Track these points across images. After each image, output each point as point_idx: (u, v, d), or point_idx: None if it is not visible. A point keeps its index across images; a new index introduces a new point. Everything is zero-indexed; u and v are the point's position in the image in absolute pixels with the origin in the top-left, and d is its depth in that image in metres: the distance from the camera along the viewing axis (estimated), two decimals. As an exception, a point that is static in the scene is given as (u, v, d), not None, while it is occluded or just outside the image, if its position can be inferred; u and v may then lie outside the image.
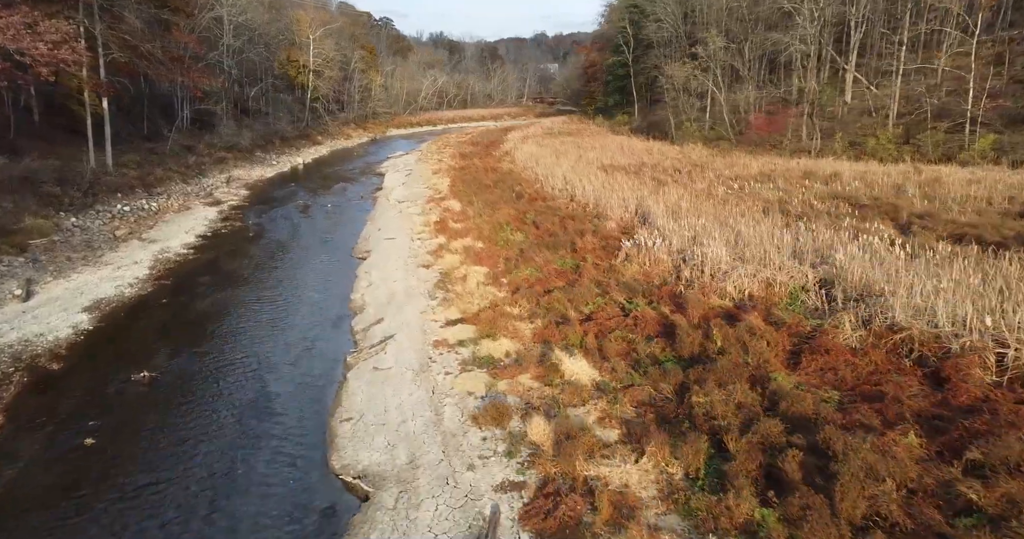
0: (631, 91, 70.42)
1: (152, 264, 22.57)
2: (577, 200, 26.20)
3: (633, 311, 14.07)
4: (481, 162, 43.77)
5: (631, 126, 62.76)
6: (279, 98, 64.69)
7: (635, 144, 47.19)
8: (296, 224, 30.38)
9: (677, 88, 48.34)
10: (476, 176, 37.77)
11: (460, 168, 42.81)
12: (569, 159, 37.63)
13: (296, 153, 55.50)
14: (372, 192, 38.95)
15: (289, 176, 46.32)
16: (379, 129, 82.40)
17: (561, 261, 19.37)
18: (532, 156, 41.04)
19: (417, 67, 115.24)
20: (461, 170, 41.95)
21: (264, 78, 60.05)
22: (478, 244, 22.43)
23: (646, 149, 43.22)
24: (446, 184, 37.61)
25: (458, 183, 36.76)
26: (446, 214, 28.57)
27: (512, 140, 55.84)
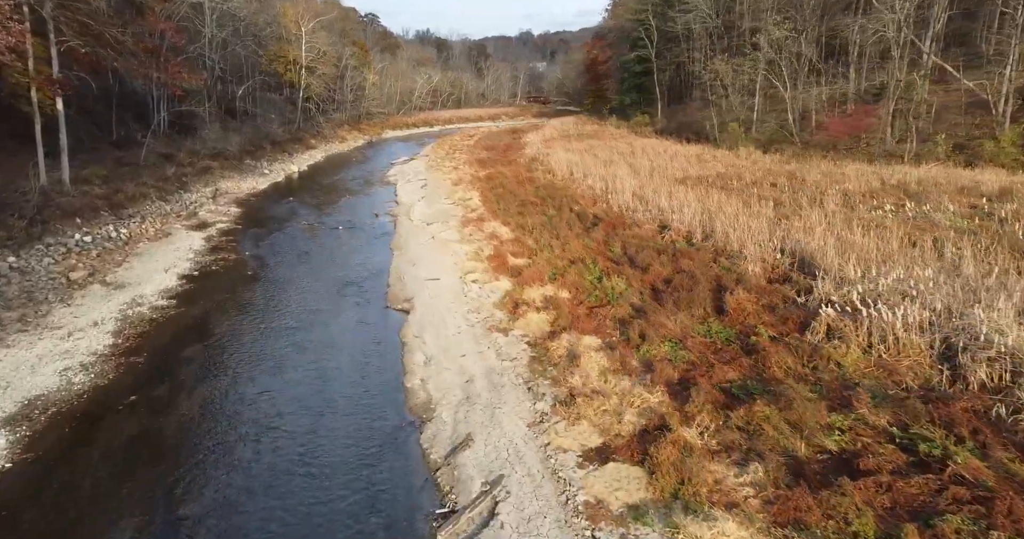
0: (651, 89, 64.58)
1: (118, 326, 16.23)
2: (674, 228, 20.17)
3: (952, 467, 8.07)
4: (509, 171, 37.62)
5: (655, 127, 56.92)
6: (268, 98, 57.94)
7: (675, 148, 41.32)
8: (304, 255, 24.05)
9: (725, 85, 42.58)
10: (511, 189, 31.67)
11: (485, 178, 36.64)
12: (621, 168, 31.67)
13: (289, 159, 48.92)
14: (387, 208, 32.69)
15: (284, 188, 39.82)
16: (374, 131, 75.83)
17: (707, 328, 13.39)
18: (571, 164, 35.01)
19: (408, 65, 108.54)
20: (487, 180, 35.79)
21: (251, 75, 53.34)
22: (563, 293, 16.38)
23: (695, 155, 37.37)
24: (476, 199, 31.47)
25: (491, 198, 30.65)
26: (496, 244, 22.45)
27: (532, 143, 49.76)
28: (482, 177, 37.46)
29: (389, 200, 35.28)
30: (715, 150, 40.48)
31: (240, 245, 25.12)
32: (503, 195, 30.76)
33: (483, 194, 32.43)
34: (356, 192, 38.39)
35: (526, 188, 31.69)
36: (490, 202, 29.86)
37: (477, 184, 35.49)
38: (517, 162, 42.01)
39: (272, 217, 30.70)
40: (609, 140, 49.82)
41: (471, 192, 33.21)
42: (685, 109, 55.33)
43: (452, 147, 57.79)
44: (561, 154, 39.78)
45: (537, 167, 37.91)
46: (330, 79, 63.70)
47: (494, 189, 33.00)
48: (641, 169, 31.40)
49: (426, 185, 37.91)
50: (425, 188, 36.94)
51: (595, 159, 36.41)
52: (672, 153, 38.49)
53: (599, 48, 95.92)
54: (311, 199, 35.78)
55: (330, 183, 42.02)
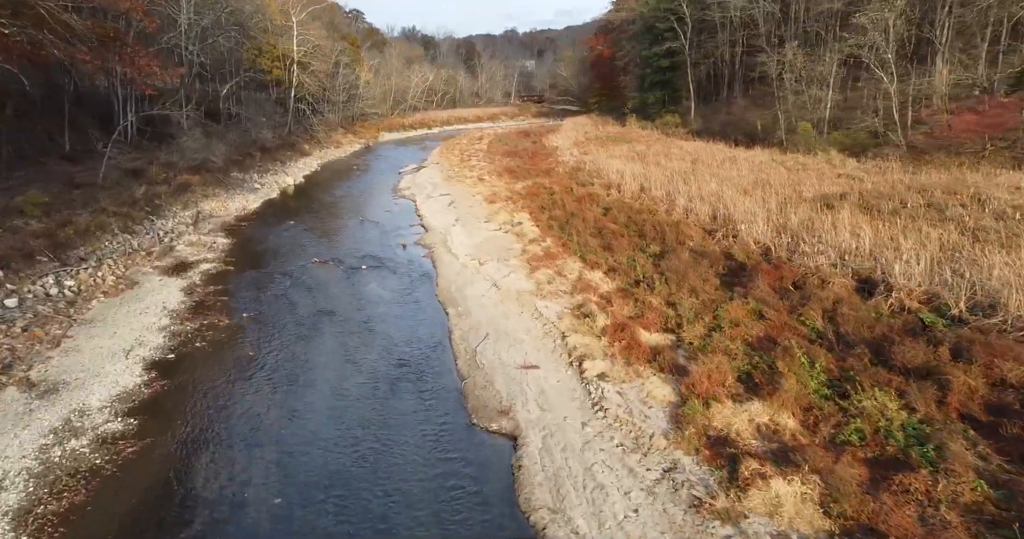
0: (681, 86, 58.17)
1: (26, 500, 9.29)
2: (899, 285, 13.49)
3: None
4: (554, 184, 30.91)
5: (689, 128, 50.44)
6: (255, 98, 50.59)
7: (737, 154, 34.80)
8: (324, 318, 17.15)
9: (800, 77, 36.10)
10: (570, 210, 25.08)
11: (527, 194, 29.90)
12: (705, 180, 25.08)
13: (282, 169, 41.73)
14: (414, 235, 25.89)
15: (281, 206, 32.71)
16: (370, 133, 68.59)
17: None
18: (635, 176, 28.31)
19: (400, 62, 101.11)
20: (531, 197, 29.06)
21: (236, 72, 46.03)
22: (787, 420, 9.73)
23: (774, 163, 30.85)
24: (528, 223, 24.80)
25: (548, 222, 24.04)
26: (597, 299, 15.79)
27: (563, 148, 43.01)
28: (521, 192, 30.68)
29: (413, 222, 28.42)
30: (786, 155, 34.01)
31: (233, 300, 18.14)
32: (564, 219, 24.06)
33: (534, 216, 25.72)
34: (368, 211, 31.43)
35: (590, 209, 24.99)
36: (550, 229, 23.17)
37: (520, 201, 28.73)
38: (556, 172, 35.25)
39: (271, 251, 23.70)
40: (648, 144, 43.23)
41: (518, 213, 26.45)
42: (729, 107, 48.92)
43: (463, 152, 50.88)
44: (611, 163, 33.11)
45: (587, 179, 31.17)
46: (324, 77, 56.38)
47: (546, 209, 26.29)
48: (732, 181, 24.83)
49: (453, 202, 31.06)
50: (453, 206, 30.10)
51: (659, 168, 29.78)
52: (743, 160, 31.97)
53: (605, 43, 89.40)
54: (316, 222, 28.78)
55: (334, 199, 34.97)
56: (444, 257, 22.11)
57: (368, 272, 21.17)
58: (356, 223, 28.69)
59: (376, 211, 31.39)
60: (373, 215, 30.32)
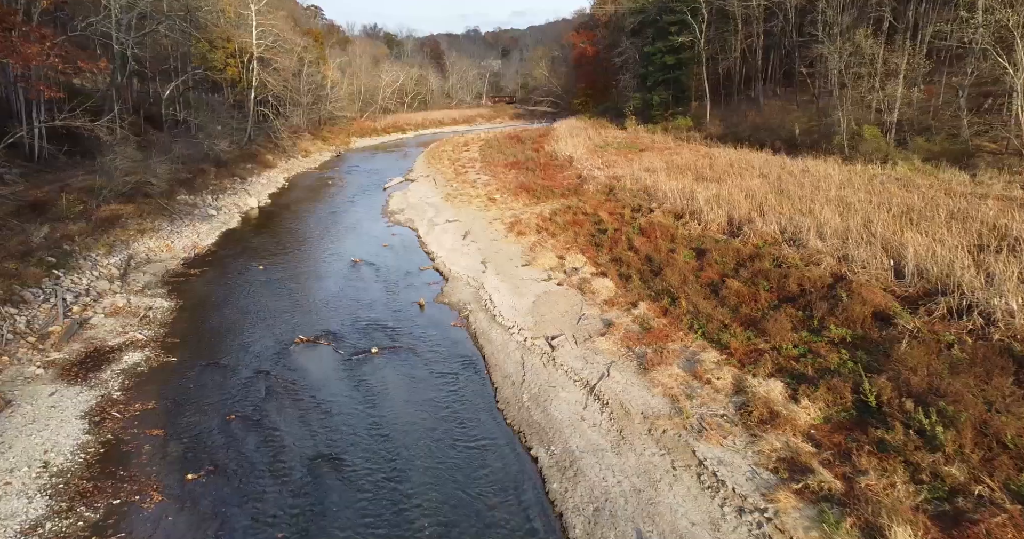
0: (689, 85, 52.03)
1: None
2: None
3: None
4: (598, 209, 24.11)
5: (706, 132, 44.21)
6: (207, 101, 42.57)
7: (798, 165, 28.43)
8: (324, 474, 10.05)
9: (873, 72, 29.97)
10: (645, 251, 18.29)
11: (567, 223, 23.06)
12: (818, 208, 18.55)
13: (243, 187, 33.97)
14: (430, 287, 18.82)
15: (243, 241, 25.14)
16: (341, 139, 60.80)
17: None
18: (710, 199, 21.59)
19: (368, 61, 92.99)
20: (572, 225, 22.22)
21: (183, 69, 38.03)
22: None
23: (864, 176, 24.54)
24: (588, 270, 17.96)
25: (614, 268, 17.36)
26: (836, 461, 9.01)
27: (579, 158, 36.09)
28: (555, 219, 23.78)
29: (422, 264, 21.33)
30: (855, 165, 27.79)
31: (174, 438, 10.86)
32: (640, 265, 17.28)
33: (591, 258, 18.91)
34: (359, 246, 24.17)
35: (668, 248, 18.20)
36: (628, 281, 16.38)
37: (559, 234, 21.85)
38: (585, 190, 28.43)
39: (233, 322, 16.34)
40: (674, 152, 36.77)
41: (569, 254, 19.53)
42: (754, 108, 42.75)
43: (454, 162, 43.72)
44: (658, 180, 26.41)
45: (635, 200, 24.36)
46: (289, 75, 48.47)
47: (603, 247, 19.53)
48: (855, 207, 18.36)
49: (469, 233, 24.03)
50: (472, 240, 23.08)
51: (720, 186, 23.14)
52: (817, 174, 25.58)
53: (588, 40, 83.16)
54: (292, 267, 21.41)
55: (311, 228, 27.50)
56: (489, 330, 15.13)
57: (381, 360, 14.05)
58: (346, 267, 21.39)
59: (369, 246, 24.10)
60: (367, 252, 23.05)
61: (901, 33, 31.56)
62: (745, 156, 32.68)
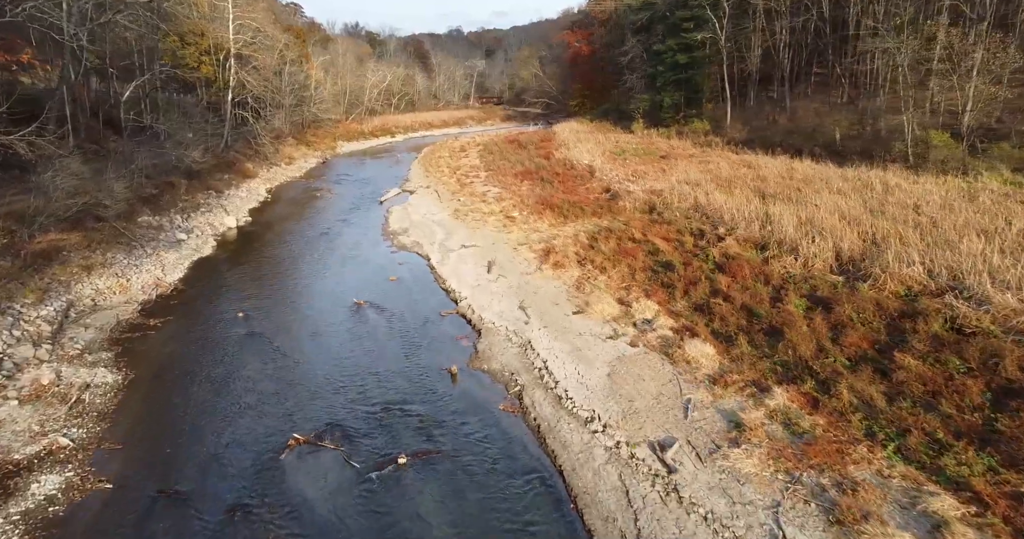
0: (703, 85, 48.14)
1: None
2: None
3: None
4: (648, 233, 19.89)
5: (727, 137, 40.28)
6: (179, 103, 37.77)
7: (858, 176, 24.49)
8: None
9: (940, 70, 25.99)
10: (740, 299, 14.11)
11: (615, 252, 18.83)
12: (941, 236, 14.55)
13: (219, 202, 29.30)
14: (458, 343, 14.49)
15: (217, 275, 20.56)
16: (326, 143, 56.08)
17: None
18: (821, 228, 17.43)
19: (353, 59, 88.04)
20: (625, 259, 17.99)
21: (149, 66, 33.19)
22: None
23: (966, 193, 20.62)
24: (668, 325, 13.70)
25: (699, 319, 13.23)
26: None
27: (601, 168, 31.81)
28: (595, 245, 19.55)
29: (443, 306, 17.03)
30: (924, 176, 23.89)
31: None
32: (733, 316, 13.16)
33: (660, 300, 14.81)
34: (360, 282, 19.75)
35: (763, 290, 14.05)
36: (730, 344, 12.23)
37: (606, 265, 17.63)
38: (621, 207, 24.24)
39: (200, 410, 11.86)
40: (702, 160, 32.76)
41: (635, 297, 15.25)
42: (787, 112, 38.81)
43: (455, 170, 39.37)
44: (712, 196, 22.31)
45: (690, 224, 20.17)
46: (270, 74, 43.68)
47: (676, 287, 15.32)
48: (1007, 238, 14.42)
49: (492, 264, 19.69)
50: (497, 273, 18.78)
51: (798, 206, 19.06)
52: (898, 189, 21.63)
53: (583, 39, 79.18)
54: (279, 311, 16.94)
55: (299, 255, 22.95)
56: (558, 423, 10.89)
57: (411, 477, 9.73)
58: (348, 312, 16.97)
59: (372, 281, 19.67)
60: (371, 290, 18.63)
61: (976, 23, 27.68)
62: (793, 165, 28.72)
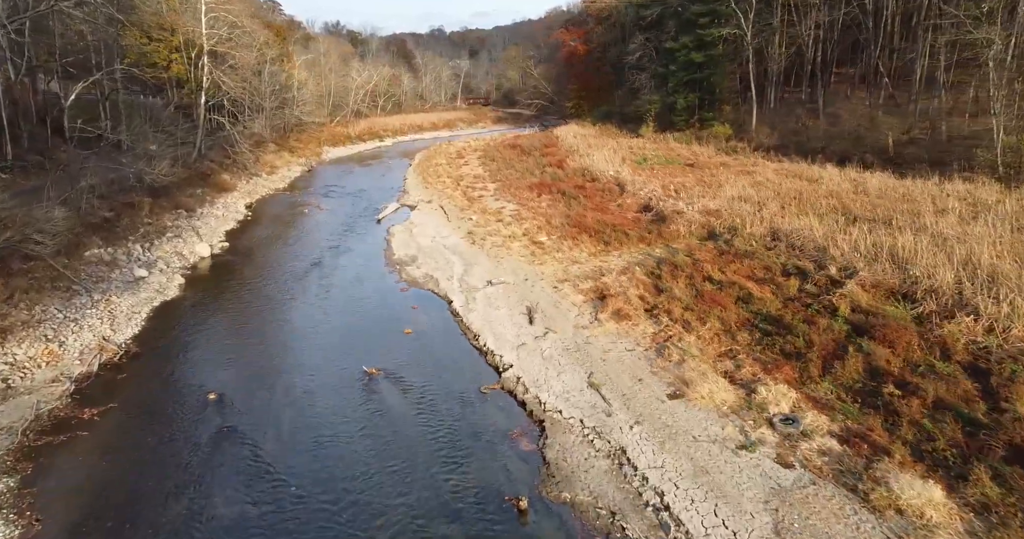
0: (720, 85, 44.28)
1: None
2: None
3: None
4: (759, 287, 15.56)
5: (754, 142, 36.40)
6: (141, 105, 33.00)
7: (964, 194, 20.65)
8: None
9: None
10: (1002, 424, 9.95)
11: (697, 296, 14.67)
12: None
13: (190, 223, 24.70)
14: (528, 467, 10.23)
15: (181, 328, 16.07)
16: (311, 149, 51.36)
17: None
18: (978, 269, 13.38)
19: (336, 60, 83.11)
20: (715, 311, 13.86)
21: (109, 63, 28.41)
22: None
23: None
24: (821, 428, 9.59)
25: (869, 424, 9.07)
26: None
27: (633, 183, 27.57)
28: (661, 284, 15.41)
29: (478, 374, 12.80)
30: None
31: None
32: (927, 421, 9.06)
33: (788, 378, 10.73)
34: (366, 332, 15.45)
35: (951, 373, 10.04)
36: (948, 467, 8.15)
37: (688, 317, 13.53)
38: (671, 232, 20.12)
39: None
40: (745, 172, 28.81)
41: (752, 374, 11.16)
42: (821, 114, 34.94)
43: (457, 181, 35.08)
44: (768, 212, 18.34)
45: (776, 255, 16.07)
46: (249, 74, 38.93)
47: (806, 359, 11.26)
48: None
49: (532, 311, 15.48)
50: (542, 326, 14.61)
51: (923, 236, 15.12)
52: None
53: (579, 38, 75.09)
54: (265, 389, 12.56)
55: (287, 297, 18.48)
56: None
57: None
58: (357, 388, 12.62)
59: (384, 337, 15.28)
60: (383, 350, 14.29)
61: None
62: (852, 176, 24.86)
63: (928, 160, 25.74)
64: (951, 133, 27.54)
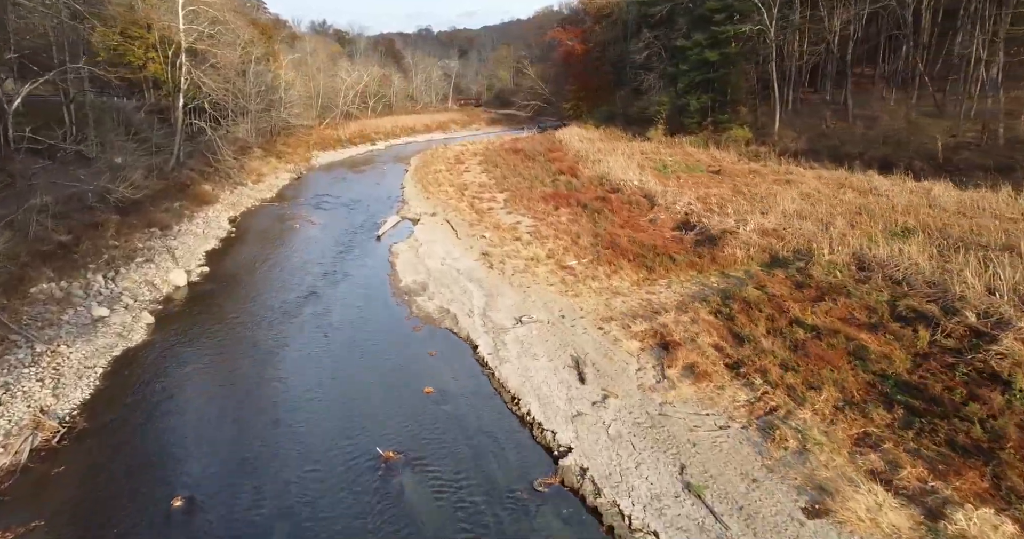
0: (738, 85, 41.48)
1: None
2: None
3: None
4: (876, 340, 12.65)
5: (779, 146, 33.60)
6: (108, 107, 29.55)
7: None
8: None
9: None
10: None
11: (858, 387, 11.74)
12: None
13: (165, 244, 21.38)
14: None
15: (144, 388, 12.85)
16: (299, 153, 47.92)
17: None
18: None
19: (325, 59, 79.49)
20: (877, 399, 10.89)
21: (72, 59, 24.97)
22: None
23: None
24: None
25: None
26: None
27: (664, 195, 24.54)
28: (753, 335, 12.43)
29: (525, 457, 9.73)
30: None
31: None
32: None
33: (974, 486, 7.62)
34: (374, 390, 12.34)
35: None
36: None
37: (790, 378, 10.57)
38: (728, 257, 17.11)
39: None
40: (781, 180, 25.96)
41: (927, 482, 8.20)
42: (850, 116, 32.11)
43: (461, 190, 31.98)
44: (835, 233, 15.48)
45: (891, 297, 13.14)
46: (232, 74, 35.49)
47: (1008, 465, 8.23)
48: None
49: (581, 364, 12.45)
50: (596, 385, 11.61)
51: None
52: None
53: (577, 37, 72.12)
54: (245, 496, 9.41)
55: (275, 341, 15.29)
56: None
57: None
58: (368, 481, 9.52)
59: (399, 401, 12.16)
60: (399, 423, 11.20)
61: None
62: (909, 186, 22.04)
63: (992, 167, 22.99)
64: (1010, 136, 24.84)
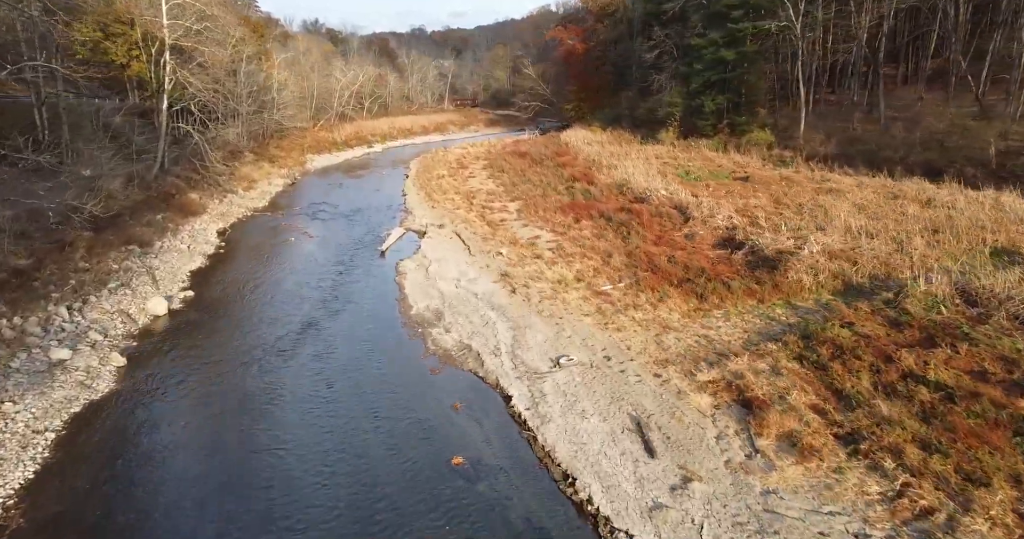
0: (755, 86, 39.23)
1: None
2: None
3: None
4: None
5: (808, 151, 31.25)
6: (90, 110, 26.89)
7: None
8: None
9: None
10: None
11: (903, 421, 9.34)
12: None
13: (144, 264, 18.84)
14: None
15: (103, 457, 10.39)
16: (294, 158, 45.32)
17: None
18: None
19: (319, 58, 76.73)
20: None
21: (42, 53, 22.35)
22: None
23: None
24: None
25: None
26: None
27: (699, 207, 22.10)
28: (859, 395, 10.11)
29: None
30: None
31: None
32: None
33: None
34: (393, 472, 9.91)
35: None
36: None
37: (1005, 502, 8.17)
38: (796, 284, 14.75)
39: None
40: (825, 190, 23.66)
41: None
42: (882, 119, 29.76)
43: (469, 198, 29.58)
44: (917, 255, 13.21)
45: (994, 342, 10.90)
46: (221, 74, 32.81)
47: None
48: None
49: (645, 428, 10.06)
50: (671, 463, 9.26)
51: None
52: None
53: (578, 36, 69.74)
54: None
55: (267, 399, 12.82)
56: None
57: None
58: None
59: (421, 477, 9.73)
60: (423, 511, 8.78)
61: None
62: (977, 198, 19.77)
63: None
64: None
